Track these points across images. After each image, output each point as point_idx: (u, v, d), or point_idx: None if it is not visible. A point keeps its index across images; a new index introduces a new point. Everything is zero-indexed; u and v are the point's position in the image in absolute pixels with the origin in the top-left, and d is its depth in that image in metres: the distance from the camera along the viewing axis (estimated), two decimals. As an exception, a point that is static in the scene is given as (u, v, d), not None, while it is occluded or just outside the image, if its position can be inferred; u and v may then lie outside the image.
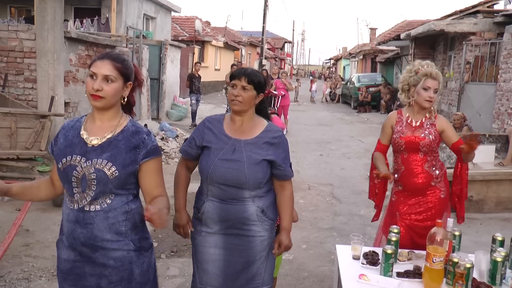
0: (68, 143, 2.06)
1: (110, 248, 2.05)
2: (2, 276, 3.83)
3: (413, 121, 3.23)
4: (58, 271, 2.13)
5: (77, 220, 2.02)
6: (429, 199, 3.27)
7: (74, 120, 2.16)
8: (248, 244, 2.54)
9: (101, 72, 1.99)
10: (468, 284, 2.55)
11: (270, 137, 2.52)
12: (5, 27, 7.60)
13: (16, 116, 5.61)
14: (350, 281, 2.72)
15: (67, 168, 2.01)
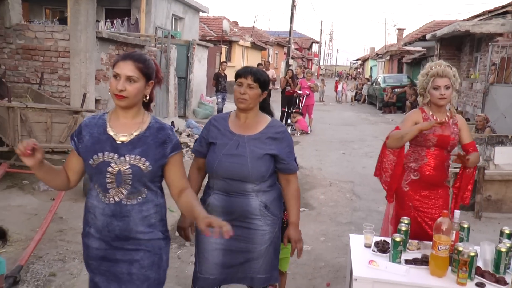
0: (95, 140, 2.11)
1: (142, 239, 2.16)
2: (40, 256, 4.14)
3: (437, 118, 3.36)
4: (89, 260, 2.21)
5: (114, 214, 2.11)
6: (441, 194, 3.42)
7: (95, 117, 2.21)
8: (249, 236, 2.65)
9: (123, 72, 2.06)
10: (471, 271, 2.70)
11: (273, 132, 2.63)
12: (41, 28, 8.01)
13: (51, 112, 5.92)
14: (360, 266, 2.90)
15: (100, 164, 2.07)
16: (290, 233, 2.75)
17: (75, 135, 2.18)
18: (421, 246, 3.16)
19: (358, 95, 26.33)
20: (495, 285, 2.66)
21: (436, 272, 2.78)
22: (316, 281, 3.99)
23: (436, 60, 3.52)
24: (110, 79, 2.10)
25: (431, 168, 3.36)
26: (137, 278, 2.17)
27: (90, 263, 2.21)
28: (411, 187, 3.45)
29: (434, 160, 3.36)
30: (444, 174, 3.41)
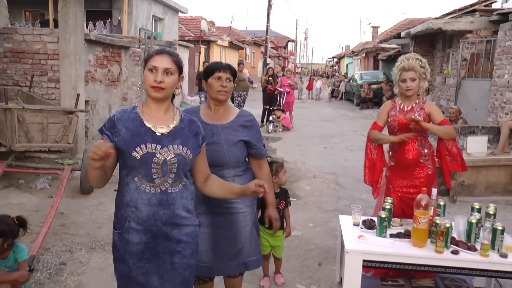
0: (133, 133, 2.17)
1: (184, 224, 2.26)
2: (48, 248, 4.39)
3: (404, 106, 3.78)
4: (126, 255, 2.22)
5: (161, 202, 2.18)
6: (418, 174, 3.81)
7: (126, 111, 2.26)
8: (232, 220, 2.83)
9: (162, 65, 2.16)
10: (447, 241, 3.09)
11: (243, 121, 2.85)
12: (29, 31, 8.15)
13: (47, 113, 6.15)
14: (351, 241, 3.27)
15: (145, 156, 2.13)
16: (270, 213, 3.00)
17: (107, 129, 2.20)
18: (403, 223, 3.55)
19: (335, 92, 26.85)
20: (467, 251, 3.06)
21: (418, 243, 3.16)
22: (308, 261, 4.34)
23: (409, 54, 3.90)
24: (145, 73, 2.18)
25: (403, 152, 3.76)
26: (179, 267, 2.27)
27: (128, 258, 2.22)
28: (391, 172, 3.86)
29: (403, 144, 3.75)
30: (417, 154, 3.76)
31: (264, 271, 3.86)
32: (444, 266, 3.10)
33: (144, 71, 2.20)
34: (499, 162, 6.35)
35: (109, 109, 9.73)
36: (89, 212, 5.55)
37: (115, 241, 2.27)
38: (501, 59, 9.64)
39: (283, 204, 3.73)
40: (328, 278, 3.98)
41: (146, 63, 2.20)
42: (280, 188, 3.76)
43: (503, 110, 9.22)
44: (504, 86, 9.37)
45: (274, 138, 11.35)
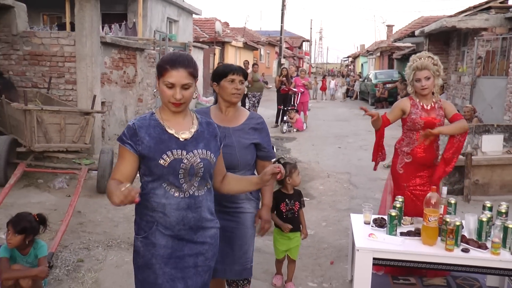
0: (157, 141, 2.14)
1: (209, 226, 2.26)
2: (66, 246, 4.51)
3: (424, 105, 3.80)
4: (153, 259, 2.17)
5: (189, 206, 2.17)
6: (431, 173, 3.84)
7: (145, 118, 2.21)
8: (239, 220, 2.84)
9: (179, 82, 2.11)
10: (457, 239, 3.12)
11: (254, 123, 2.86)
12: (47, 35, 8.34)
13: (64, 114, 6.29)
14: (361, 239, 3.31)
15: (173, 162, 2.12)
16: (262, 213, 2.93)
17: (128, 139, 2.15)
18: (414, 221, 3.57)
19: (350, 92, 26.78)
20: (478, 249, 3.08)
21: (428, 241, 3.19)
22: (320, 260, 4.39)
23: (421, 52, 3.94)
24: (162, 88, 2.14)
25: (422, 150, 3.79)
26: (202, 270, 2.27)
27: (155, 263, 2.18)
28: (405, 170, 3.87)
29: (423, 142, 3.78)
30: (434, 154, 3.84)
31: (277, 269, 3.91)
32: (454, 264, 3.13)
33: (160, 85, 2.15)
34: (514, 161, 6.32)
35: (124, 110, 9.88)
36: (106, 211, 5.66)
37: (138, 247, 2.21)
38: (517, 57, 9.55)
39: (298, 205, 3.75)
40: (340, 277, 4.03)
41: (162, 76, 2.13)
42: (294, 189, 3.78)
43: (519, 109, 9.14)
44: (520, 84, 9.29)
45: (288, 138, 11.39)
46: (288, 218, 3.69)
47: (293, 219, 3.70)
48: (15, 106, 6.16)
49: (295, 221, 3.71)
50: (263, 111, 15.15)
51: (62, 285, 3.78)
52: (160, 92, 2.17)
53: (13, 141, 6.39)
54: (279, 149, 10.00)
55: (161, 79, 2.13)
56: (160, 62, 2.18)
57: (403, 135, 3.92)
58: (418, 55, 3.84)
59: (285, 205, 3.70)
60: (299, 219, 3.79)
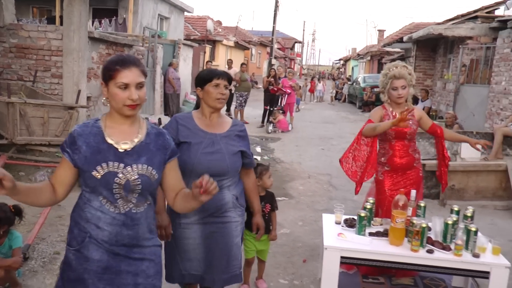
0: (94, 150, 2.00)
1: (147, 245, 2.12)
2: (44, 238, 4.55)
3: (396, 114, 3.90)
4: (85, 274, 2.03)
5: (125, 223, 2.03)
6: (411, 176, 3.96)
7: (87, 125, 2.08)
8: (225, 230, 2.77)
9: (134, 81, 1.99)
10: (423, 240, 3.23)
11: (238, 131, 2.83)
12: (34, 28, 8.34)
13: (48, 107, 6.32)
14: (330, 238, 3.40)
15: (107, 175, 1.98)
16: (257, 221, 3.06)
17: (67, 147, 2.03)
18: (383, 223, 3.67)
19: (338, 95, 26.96)
20: (442, 251, 3.19)
21: (394, 242, 3.29)
22: (294, 258, 4.48)
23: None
24: (115, 91, 1.99)
25: (398, 157, 3.90)
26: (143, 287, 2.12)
27: (87, 278, 2.03)
28: (385, 176, 3.98)
29: (398, 150, 3.90)
30: (412, 159, 3.94)
31: (244, 278, 3.73)
32: (419, 264, 3.23)
33: (111, 89, 2.00)
34: (489, 168, 6.46)
35: (111, 105, 9.91)
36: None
37: (70, 260, 2.06)
38: (499, 66, 9.73)
39: (269, 207, 3.70)
40: (311, 274, 4.12)
41: (112, 79, 1.99)
42: (266, 191, 3.72)
43: (499, 117, 9.32)
44: (501, 92, 9.46)
45: (273, 139, 11.48)
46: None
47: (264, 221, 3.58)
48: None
49: (266, 223, 3.51)
50: (250, 111, 15.24)
51: (37, 277, 3.82)
52: (112, 97, 2.01)
53: (-5, 133, 6.42)
54: (264, 149, 10.09)
55: (111, 82, 1.99)
56: (107, 64, 2.04)
57: (379, 146, 4.02)
58: (393, 64, 3.94)
59: None
60: (269, 222, 3.70)
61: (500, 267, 3.08)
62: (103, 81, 2.04)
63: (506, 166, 6.36)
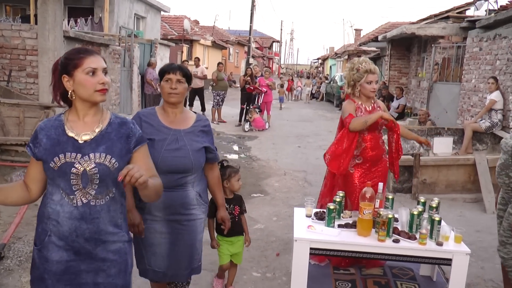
0: (54, 142, 2.00)
1: (111, 240, 2.08)
2: (20, 237, 4.57)
3: (366, 107, 4.04)
4: (45, 275, 2.04)
5: (83, 216, 2.00)
6: (380, 168, 4.10)
7: (51, 119, 2.08)
8: (190, 228, 2.80)
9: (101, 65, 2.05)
10: (389, 230, 3.35)
11: (202, 126, 2.83)
12: (8, 27, 8.28)
13: (23, 107, 6.32)
14: (300, 230, 3.51)
15: (63, 166, 1.97)
16: (222, 214, 3.08)
17: (30, 142, 2.06)
18: (352, 215, 3.80)
19: (316, 93, 27.20)
20: (407, 240, 3.32)
21: (362, 233, 3.42)
22: (267, 252, 4.59)
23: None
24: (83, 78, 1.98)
25: (370, 149, 4.03)
26: (104, 287, 2.11)
27: (47, 278, 2.04)
28: (355, 169, 4.09)
29: (370, 142, 4.04)
30: (381, 150, 4.09)
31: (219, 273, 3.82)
32: (386, 253, 3.36)
33: (78, 78, 1.98)
34: (458, 162, 6.67)
35: (87, 105, 9.89)
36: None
37: (34, 258, 2.09)
38: (469, 64, 10.00)
39: (238, 209, 3.65)
40: (284, 267, 4.23)
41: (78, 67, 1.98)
42: (234, 194, 3.66)
43: (470, 113, 9.59)
44: (471, 90, 9.73)
45: (250, 137, 11.58)
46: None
47: (233, 224, 3.52)
48: (-28, 98, 6.15)
49: (235, 226, 3.58)
50: (228, 110, 15.31)
51: (13, 275, 3.85)
52: (80, 85, 1.99)
53: (-30, 133, 6.37)
54: (241, 147, 10.19)
55: (77, 70, 1.97)
56: (68, 56, 2.02)
57: None
58: (363, 59, 4.07)
59: None
60: (240, 224, 3.69)
61: (461, 254, 3.23)
62: (65, 75, 1.99)
63: (474, 160, 6.57)
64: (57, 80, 2.05)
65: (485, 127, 7.86)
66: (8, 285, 3.68)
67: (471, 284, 3.99)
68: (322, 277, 3.93)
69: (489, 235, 5.11)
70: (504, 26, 8.48)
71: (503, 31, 8.41)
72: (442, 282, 3.96)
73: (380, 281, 3.88)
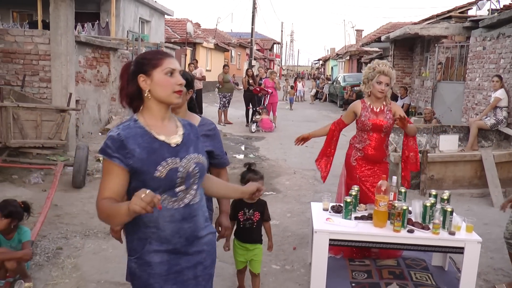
0: (149, 151, 1.95)
1: (204, 234, 2.13)
2: (45, 235, 4.74)
3: (374, 107, 4.22)
4: (151, 279, 2.02)
5: (184, 217, 2.02)
6: (380, 170, 4.25)
7: (129, 127, 1.98)
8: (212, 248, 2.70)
9: (178, 67, 2.04)
10: (404, 221, 3.52)
11: (205, 130, 2.69)
12: (21, 32, 8.47)
13: (40, 111, 6.49)
14: (319, 222, 3.68)
15: (169, 173, 1.95)
16: (222, 221, 2.84)
17: (114, 152, 1.92)
18: (367, 208, 3.97)
19: (319, 94, 27.37)
20: (421, 230, 3.49)
21: (378, 224, 3.59)
22: (284, 246, 4.75)
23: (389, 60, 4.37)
24: (160, 79, 1.98)
25: (372, 148, 4.21)
26: (202, 279, 2.15)
27: (153, 283, 2.02)
28: (357, 163, 4.29)
29: (374, 142, 4.22)
30: (383, 153, 4.27)
31: (239, 282, 3.73)
32: (401, 243, 3.53)
33: (156, 78, 1.98)
34: (465, 158, 6.83)
35: (98, 108, 10.07)
36: (81, 204, 5.89)
37: (133, 269, 2.05)
38: (473, 63, 10.16)
39: (258, 215, 3.50)
40: (301, 260, 4.40)
41: (157, 67, 1.98)
42: (258, 199, 3.39)
43: (474, 111, 9.74)
44: (475, 88, 9.88)
45: (257, 138, 11.76)
46: (245, 228, 3.48)
47: (251, 230, 3.47)
48: (-9, 102, 6.33)
49: (253, 232, 3.50)
50: (233, 111, 15.49)
51: (43, 270, 4.02)
52: (158, 85, 1.98)
53: (-12, 137, 6.54)
54: (249, 147, 10.36)
55: (156, 70, 1.98)
56: (146, 56, 2.04)
57: (357, 133, 4.33)
58: (382, 61, 4.25)
59: (243, 214, 3.46)
60: (260, 231, 3.56)
61: (473, 243, 3.40)
62: (142, 74, 1.99)
63: (480, 156, 6.73)
64: (126, 82, 2.03)
65: (490, 124, 8.02)
66: (40, 278, 3.85)
67: (482, 273, 4.14)
68: (339, 268, 4.10)
69: (497, 227, 5.27)
70: (508, 25, 8.65)
71: (506, 30, 8.57)
72: (454, 271, 4.12)
73: (394, 271, 4.04)
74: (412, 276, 3.97)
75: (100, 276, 3.97)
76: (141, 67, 1.99)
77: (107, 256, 4.41)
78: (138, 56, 2.08)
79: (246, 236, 3.49)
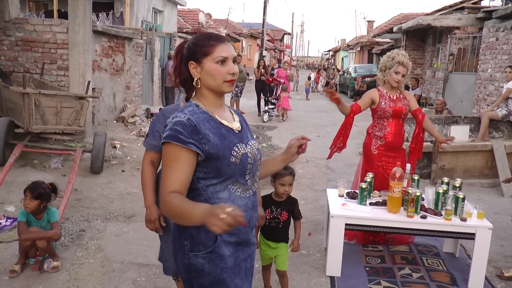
0: (220, 136, 1.84)
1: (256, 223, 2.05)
2: (68, 218, 4.93)
3: (391, 95, 4.33)
4: (225, 273, 1.88)
5: (253, 205, 1.95)
6: (399, 155, 4.38)
7: (194, 112, 1.85)
8: None
9: (232, 54, 1.88)
10: (417, 207, 3.65)
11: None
12: (40, 22, 8.62)
13: (61, 98, 6.65)
14: (335, 208, 3.82)
15: (242, 158, 1.86)
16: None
17: (188, 137, 1.76)
18: (382, 194, 4.10)
19: (330, 85, 27.38)
20: (434, 216, 3.62)
21: (392, 210, 3.72)
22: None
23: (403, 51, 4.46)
24: (211, 67, 1.85)
25: (392, 134, 4.32)
26: (250, 272, 2.04)
27: (226, 278, 1.89)
28: (378, 151, 4.39)
29: (393, 127, 4.33)
30: (402, 139, 4.39)
31: (264, 282, 3.58)
32: (414, 228, 3.66)
33: (207, 66, 1.85)
34: (476, 148, 6.92)
35: (113, 96, 10.23)
36: (100, 189, 6.07)
37: (201, 265, 1.86)
38: (485, 54, 10.19)
39: (286, 215, 3.33)
40: (316, 245, 4.54)
41: (208, 55, 1.85)
42: (288, 197, 3.37)
43: (486, 102, 9.79)
44: (487, 79, 9.92)
45: (269, 127, 11.89)
46: (271, 227, 3.32)
47: (276, 229, 3.32)
48: (14, 89, 6.50)
49: (279, 232, 3.34)
50: (245, 101, 15.61)
51: (69, 250, 4.21)
52: (209, 74, 1.85)
53: (10, 123, 6.73)
54: (261, 136, 10.49)
55: (207, 58, 1.85)
56: (198, 41, 1.89)
57: (375, 122, 4.44)
58: (402, 52, 4.36)
59: (269, 212, 3.30)
60: (286, 231, 3.39)
61: (484, 229, 3.53)
62: (193, 61, 1.87)
63: (491, 147, 6.81)
64: (178, 64, 1.93)
65: (502, 115, 8.07)
66: (67, 258, 4.03)
67: (492, 260, 4.25)
68: (353, 253, 4.23)
69: (507, 216, 5.36)
70: (521, 16, 8.68)
71: (519, 22, 8.61)
72: (464, 258, 4.25)
73: (407, 257, 4.17)
74: (424, 261, 4.10)
75: (123, 257, 4.15)
76: (192, 54, 1.88)
77: (129, 238, 4.58)
78: (190, 40, 1.95)
79: (270, 235, 3.34)
